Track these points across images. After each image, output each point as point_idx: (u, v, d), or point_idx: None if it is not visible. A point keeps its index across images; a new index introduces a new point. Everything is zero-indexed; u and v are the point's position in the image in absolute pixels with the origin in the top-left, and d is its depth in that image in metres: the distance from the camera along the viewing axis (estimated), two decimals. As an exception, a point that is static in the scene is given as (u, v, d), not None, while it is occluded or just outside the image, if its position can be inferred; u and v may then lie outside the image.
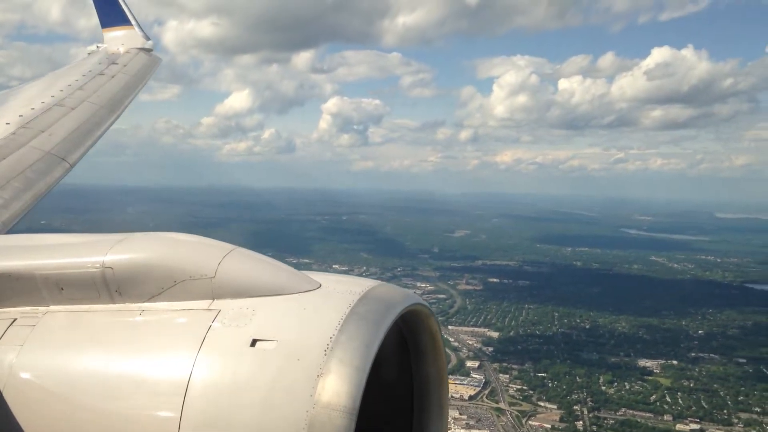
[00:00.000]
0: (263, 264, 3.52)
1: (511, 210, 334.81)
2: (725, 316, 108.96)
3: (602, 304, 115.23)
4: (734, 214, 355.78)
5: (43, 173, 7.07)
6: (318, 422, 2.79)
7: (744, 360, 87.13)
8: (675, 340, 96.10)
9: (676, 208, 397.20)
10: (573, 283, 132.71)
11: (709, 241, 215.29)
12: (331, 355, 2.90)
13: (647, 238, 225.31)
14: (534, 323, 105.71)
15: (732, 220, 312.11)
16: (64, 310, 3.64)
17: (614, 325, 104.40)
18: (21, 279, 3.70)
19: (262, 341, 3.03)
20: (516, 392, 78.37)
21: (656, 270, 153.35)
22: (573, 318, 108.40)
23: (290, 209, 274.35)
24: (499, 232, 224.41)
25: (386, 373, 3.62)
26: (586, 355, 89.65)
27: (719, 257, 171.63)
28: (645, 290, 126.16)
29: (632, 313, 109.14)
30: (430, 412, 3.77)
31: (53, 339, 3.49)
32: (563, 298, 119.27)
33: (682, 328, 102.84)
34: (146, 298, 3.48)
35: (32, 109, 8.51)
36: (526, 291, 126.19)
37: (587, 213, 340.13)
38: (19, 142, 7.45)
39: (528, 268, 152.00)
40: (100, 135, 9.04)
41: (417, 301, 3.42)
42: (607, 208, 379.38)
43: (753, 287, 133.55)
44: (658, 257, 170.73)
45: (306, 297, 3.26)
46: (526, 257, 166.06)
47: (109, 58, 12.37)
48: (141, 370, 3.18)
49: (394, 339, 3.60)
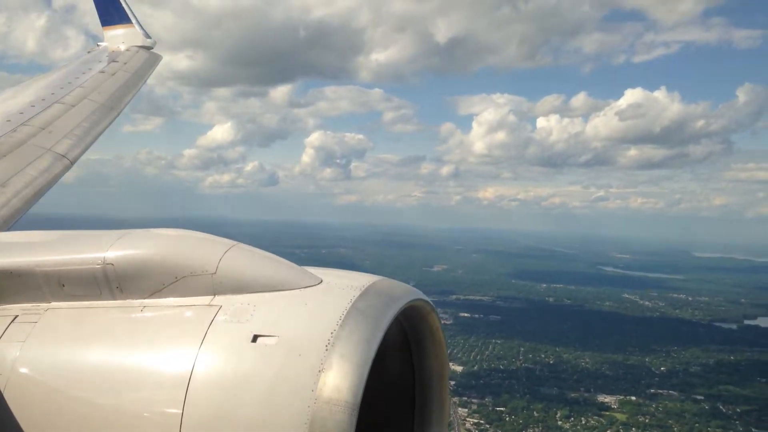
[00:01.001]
0: (264, 260, 3.53)
1: (492, 245, 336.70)
2: (689, 353, 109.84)
3: (569, 339, 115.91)
4: (711, 253, 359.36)
5: (43, 170, 7.00)
6: (319, 417, 2.80)
7: (702, 397, 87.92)
8: (636, 377, 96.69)
9: (654, 247, 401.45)
10: (543, 319, 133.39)
11: (683, 279, 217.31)
12: (333, 350, 2.91)
13: (622, 275, 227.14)
14: (499, 358, 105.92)
15: (708, 260, 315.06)
16: (65, 306, 3.64)
17: (578, 360, 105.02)
18: (22, 276, 3.71)
19: (264, 337, 3.05)
20: (472, 426, 78.19)
21: (627, 307, 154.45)
22: (538, 353, 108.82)
23: (269, 241, 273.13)
24: (477, 267, 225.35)
25: (387, 369, 3.63)
26: (546, 390, 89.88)
27: (691, 296, 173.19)
28: (613, 327, 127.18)
29: (597, 349, 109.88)
30: (431, 407, 3.77)
31: (55, 335, 3.50)
32: (531, 333, 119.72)
33: (644, 364, 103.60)
34: (147, 295, 3.49)
35: (33, 106, 8.46)
36: (496, 326, 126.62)
37: (566, 250, 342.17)
38: (19, 139, 7.39)
39: (500, 304, 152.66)
40: (100, 132, 8.98)
41: (418, 296, 3.42)
42: (586, 246, 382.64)
43: (720, 326, 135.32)
44: (630, 295, 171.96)
45: (307, 292, 3.27)
46: (500, 293, 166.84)
47: (110, 56, 12.30)
48: (143, 366, 3.20)
49: (395, 334, 3.62)
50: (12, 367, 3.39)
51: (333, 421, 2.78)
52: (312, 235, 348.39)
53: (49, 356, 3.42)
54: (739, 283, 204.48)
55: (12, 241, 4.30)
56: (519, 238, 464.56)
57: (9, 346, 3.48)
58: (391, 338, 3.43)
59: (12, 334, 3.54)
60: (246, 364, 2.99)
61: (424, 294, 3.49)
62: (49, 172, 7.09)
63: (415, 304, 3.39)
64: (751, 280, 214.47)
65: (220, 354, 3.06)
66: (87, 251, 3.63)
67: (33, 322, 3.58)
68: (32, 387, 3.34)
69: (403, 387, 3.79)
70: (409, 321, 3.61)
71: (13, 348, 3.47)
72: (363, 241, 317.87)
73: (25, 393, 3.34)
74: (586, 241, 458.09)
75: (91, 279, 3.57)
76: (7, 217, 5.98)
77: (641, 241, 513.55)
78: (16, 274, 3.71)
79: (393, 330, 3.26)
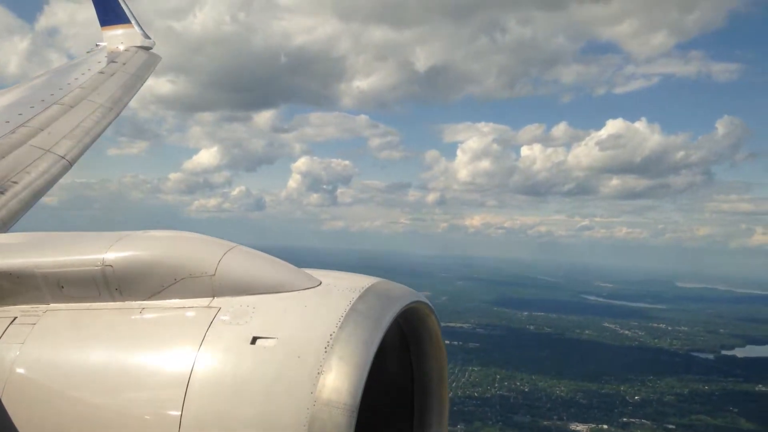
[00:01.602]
0: (263, 261, 3.52)
1: (477, 273, 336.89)
2: (664, 383, 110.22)
3: (546, 367, 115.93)
4: (694, 283, 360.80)
5: (42, 172, 6.98)
6: (319, 419, 2.80)
7: (674, 426, 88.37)
8: (610, 405, 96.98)
9: (637, 276, 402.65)
10: (522, 347, 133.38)
11: (664, 309, 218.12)
12: (332, 352, 2.91)
13: (605, 304, 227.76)
14: (474, 385, 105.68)
15: (691, 290, 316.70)
16: (64, 308, 3.63)
17: (553, 388, 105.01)
18: (21, 277, 3.70)
19: (263, 339, 3.04)
20: (444, 454, 77.91)
21: (606, 336, 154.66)
22: (514, 381, 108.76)
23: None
24: (461, 294, 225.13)
25: (387, 370, 3.63)
26: (519, 418, 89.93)
27: (671, 325, 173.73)
28: (591, 355, 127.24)
29: (573, 378, 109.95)
30: (430, 410, 3.76)
31: (54, 337, 3.49)
32: (508, 361, 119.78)
33: (619, 393, 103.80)
34: (147, 296, 3.48)
35: (31, 107, 8.41)
36: (474, 353, 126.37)
37: (550, 278, 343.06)
38: (18, 140, 7.35)
39: (480, 331, 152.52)
40: (99, 133, 8.93)
41: (417, 298, 3.41)
42: (570, 274, 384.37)
43: (698, 356, 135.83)
44: (611, 324, 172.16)
45: (306, 294, 3.27)
46: (481, 320, 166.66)
47: (109, 57, 12.29)
48: (142, 368, 3.20)
49: (394, 336, 3.62)
50: (11, 368, 3.39)
51: (332, 423, 2.78)
52: (298, 260, 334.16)
53: (48, 358, 3.41)
54: (719, 313, 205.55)
55: (11, 242, 4.28)
56: (504, 266, 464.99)
57: (8, 348, 3.47)
58: (391, 340, 3.45)
59: (11, 336, 3.53)
60: (245, 365, 2.99)
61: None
62: (48, 174, 7.06)
63: (415, 306, 3.40)
64: (732, 310, 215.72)
65: (219, 356, 3.06)
66: (86, 253, 3.63)
67: (32, 323, 3.57)
68: (31, 388, 3.34)
69: (403, 389, 3.79)
70: (409, 323, 3.62)
71: (11, 349, 3.45)
72: (349, 267, 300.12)
73: (23, 394, 3.34)
74: (570, 269, 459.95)
75: (90, 281, 3.57)
76: (6, 218, 5.95)
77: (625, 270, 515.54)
78: (15, 275, 3.71)
79: (392, 332, 3.28)
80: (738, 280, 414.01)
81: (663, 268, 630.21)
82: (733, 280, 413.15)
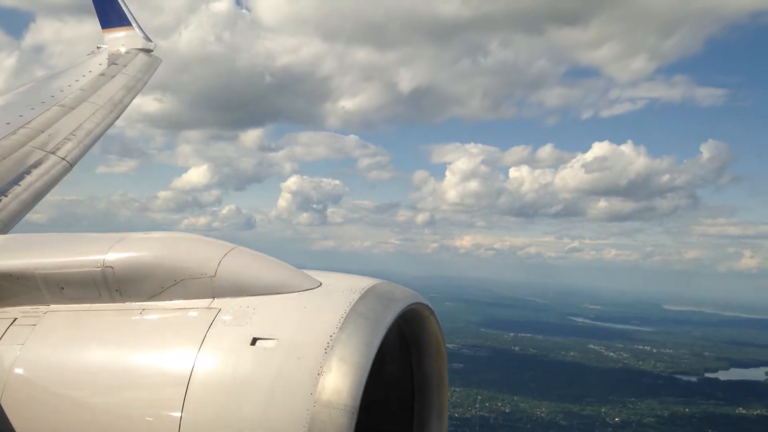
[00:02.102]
0: (264, 263, 3.52)
1: (465, 294, 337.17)
2: (645, 405, 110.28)
3: (528, 389, 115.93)
4: (682, 306, 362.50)
5: (42, 173, 6.98)
6: (318, 420, 2.80)
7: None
8: (590, 427, 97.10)
9: (625, 299, 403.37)
10: (505, 368, 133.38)
11: (650, 331, 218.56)
12: (332, 353, 2.91)
13: (591, 326, 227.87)
14: (455, 405, 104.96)
15: (678, 313, 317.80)
16: (64, 309, 3.63)
17: (534, 409, 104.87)
18: (21, 278, 3.70)
19: (263, 340, 3.04)
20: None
21: (591, 358, 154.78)
22: (495, 402, 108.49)
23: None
24: (448, 315, 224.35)
25: (387, 372, 3.63)
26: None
27: (656, 347, 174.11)
28: (575, 377, 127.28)
29: (555, 399, 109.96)
30: (430, 411, 3.77)
31: (54, 338, 3.49)
32: (491, 382, 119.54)
33: (600, 415, 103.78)
34: (147, 297, 3.48)
35: (32, 109, 8.41)
36: (457, 374, 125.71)
37: (538, 299, 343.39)
38: (19, 141, 7.35)
39: (465, 352, 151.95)
40: (99, 135, 8.96)
41: (418, 299, 3.41)
42: (558, 296, 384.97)
43: (681, 378, 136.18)
44: (596, 345, 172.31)
45: (306, 295, 3.27)
46: (466, 341, 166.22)
47: (110, 59, 12.30)
48: (142, 369, 3.20)
49: (394, 337, 3.61)
50: (11, 369, 3.39)
51: (332, 424, 2.79)
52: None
53: (48, 359, 3.41)
54: (705, 336, 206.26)
55: (12, 243, 4.29)
56: (493, 287, 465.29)
57: (8, 349, 3.47)
58: (391, 341, 3.45)
59: (11, 337, 3.53)
60: (245, 366, 3.00)
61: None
62: (48, 175, 7.06)
63: (415, 308, 3.41)
64: (718, 333, 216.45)
65: (219, 357, 3.07)
66: (86, 254, 3.64)
67: (32, 324, 3.56)
68: (31, 390, 3.34)
69: (402, 389, 3.80)
70: (409, 324, 3.63)
71: (11, 350, 3.45)
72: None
73: (23, 396, 3.34)
74: (559, 291, 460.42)
75: (90, 282, 3.57)
76: (6, 219, 5.94)
77: (614, 292, 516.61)
78: (15, 276, 3.71)
79: (392, 333, 3.28)
80: (725, 303, 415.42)
81: (651, 291, 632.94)
82: (720, 303, 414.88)
